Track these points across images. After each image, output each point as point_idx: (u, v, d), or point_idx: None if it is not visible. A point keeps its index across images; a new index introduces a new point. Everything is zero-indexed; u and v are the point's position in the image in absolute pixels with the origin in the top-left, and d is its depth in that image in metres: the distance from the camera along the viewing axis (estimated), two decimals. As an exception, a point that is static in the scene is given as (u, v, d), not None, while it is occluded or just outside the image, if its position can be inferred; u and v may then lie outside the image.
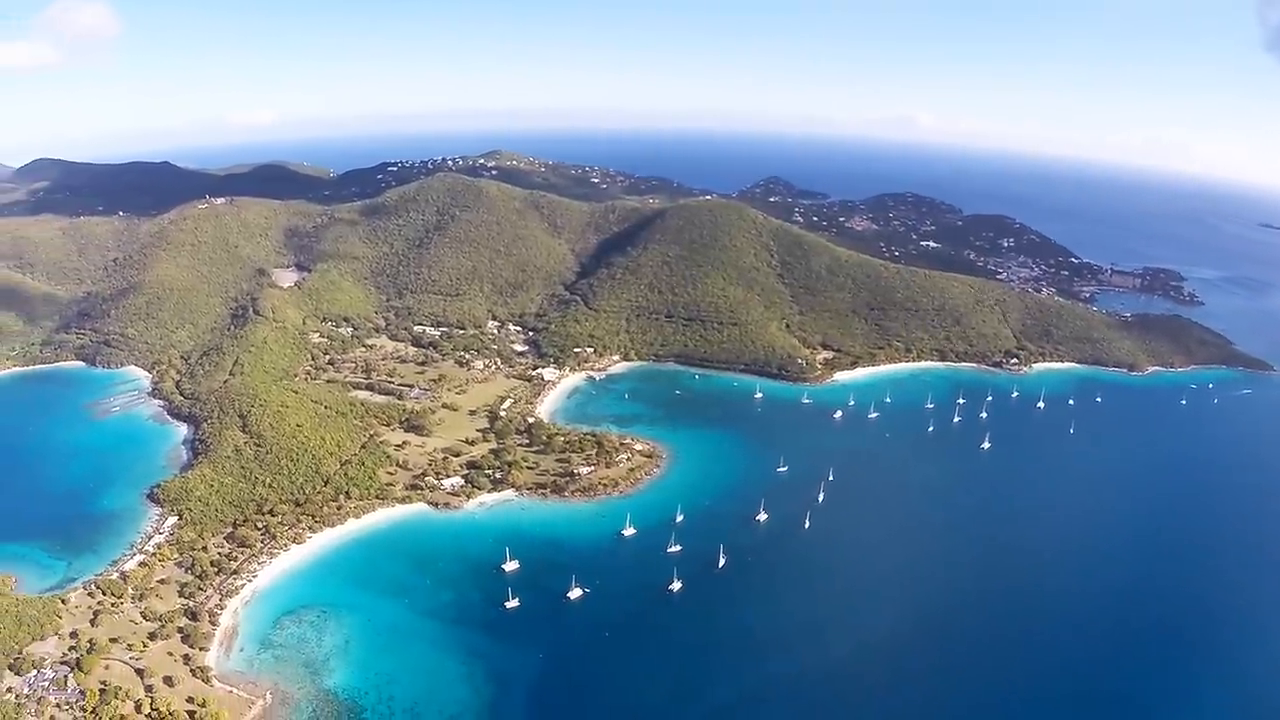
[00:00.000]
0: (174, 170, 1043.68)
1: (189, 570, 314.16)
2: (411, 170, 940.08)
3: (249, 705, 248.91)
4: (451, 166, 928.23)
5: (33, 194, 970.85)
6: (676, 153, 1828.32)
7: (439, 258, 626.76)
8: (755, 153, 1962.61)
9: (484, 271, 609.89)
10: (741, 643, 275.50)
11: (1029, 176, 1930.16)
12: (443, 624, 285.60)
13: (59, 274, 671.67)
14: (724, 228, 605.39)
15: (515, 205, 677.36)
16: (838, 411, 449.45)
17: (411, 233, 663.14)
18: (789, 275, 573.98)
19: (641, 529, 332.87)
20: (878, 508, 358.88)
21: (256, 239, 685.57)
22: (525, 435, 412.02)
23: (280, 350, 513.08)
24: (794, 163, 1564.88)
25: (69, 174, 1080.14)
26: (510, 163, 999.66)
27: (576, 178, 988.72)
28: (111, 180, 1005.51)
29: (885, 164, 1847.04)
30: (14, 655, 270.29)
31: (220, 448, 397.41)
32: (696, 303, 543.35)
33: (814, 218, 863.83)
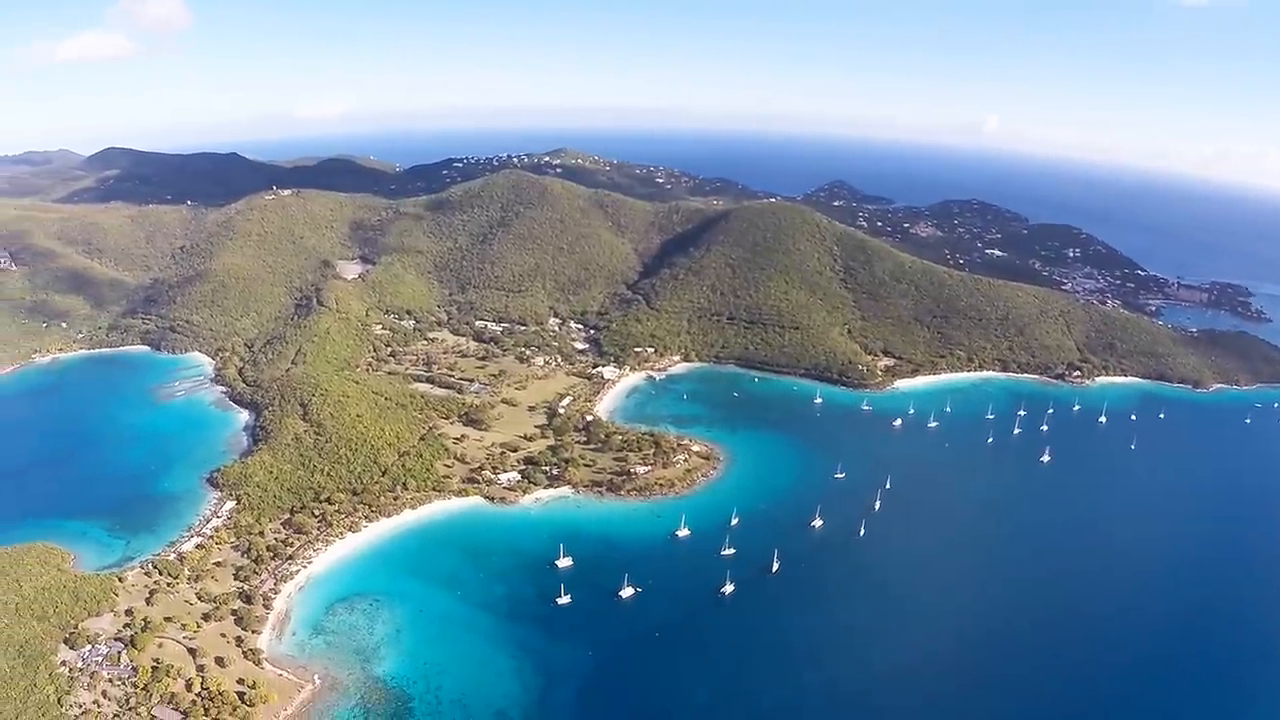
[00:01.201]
0: (242, 161, 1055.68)
1: (245, 554, 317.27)
2: (477, 166, 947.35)
3: (298, 689, 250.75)
4: (517, 163, 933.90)
5: (103, 182, 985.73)
6: (741, 155, 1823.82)
7: (502, 254, 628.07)
8: (820, 156, 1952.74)
9: (547, 268, 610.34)
10: (791, 649, 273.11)
11: (1097, 186, 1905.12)
12: (494, 617, 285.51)
13: (127, 260, 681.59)
14: (787, 231, 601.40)
15: (579, 203, 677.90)
16: (897, 419, 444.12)
17: (476, 228, 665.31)
18: (852, 280, 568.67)
19: (696, 530, 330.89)
20: (934, 519, 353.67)
21: (322, 231, 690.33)
22: (583, 433, 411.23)
23: (343, 341, 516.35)
24: (859, 167, 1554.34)
25: (139, 163, 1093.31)
26: (575, 161, 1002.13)
27: (641, 177, 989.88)
28: (180, 170, 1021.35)
29: (951, 170, 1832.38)
30: (70, 630, 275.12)
31: (280, 435, 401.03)
32: (758, 305, 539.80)
33: (878, 223, 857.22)
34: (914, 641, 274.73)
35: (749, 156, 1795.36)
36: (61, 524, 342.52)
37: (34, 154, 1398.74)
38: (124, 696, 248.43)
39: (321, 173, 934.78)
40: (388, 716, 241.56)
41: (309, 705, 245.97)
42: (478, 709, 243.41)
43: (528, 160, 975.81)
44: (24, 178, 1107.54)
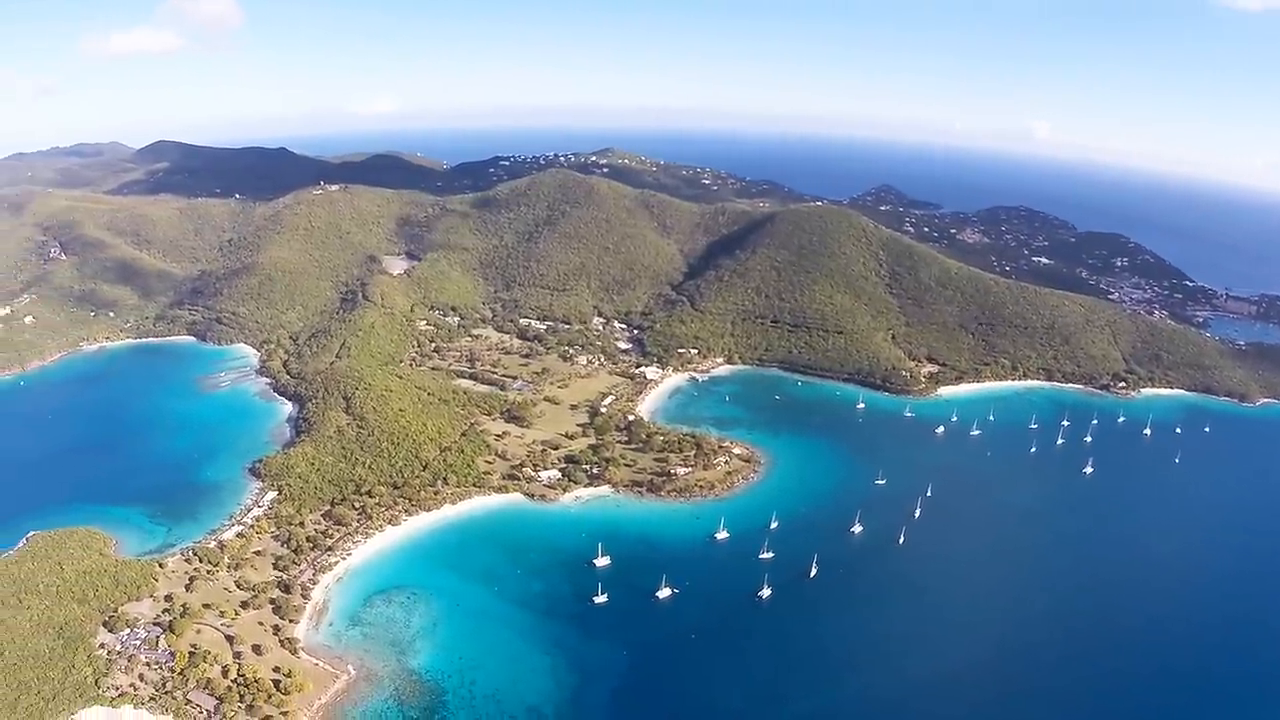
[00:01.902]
0: (290, 156, 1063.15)
1: (285, 544, 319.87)
2: (524, 165, 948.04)
3: (333, 678, 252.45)
4: (563, 163, 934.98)
5: (152, 174, 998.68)
6: (789, 157, 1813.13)
7: (548, 252, 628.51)
8: (868, 160, 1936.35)
9: (592, 268, 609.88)
10: (827, 655, 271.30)
11: (1145, 194, 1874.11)
12: (531, 614, 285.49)
13: (175, 252, 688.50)
14: (833, 234, 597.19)
15: (626, 204, 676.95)
16: (940, 427, 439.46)
17: (522, 226, 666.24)
18: (897, 285, 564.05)
19: (735, 533, 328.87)
20: (974, 528, 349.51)
21: (369, 226, 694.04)
22: (625, 432, 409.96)
23: (387, 336, 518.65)
24: (907, 171, 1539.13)
25: (188, 156, 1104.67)
26: (622, 161, 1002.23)
27: (687, 178, 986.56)
28: (229, 164, 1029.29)
29: (1000, 176, 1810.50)
30: (109, 613, 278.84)
31: (323, 427, 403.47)
32: (803, 309, 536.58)
33: (925, 228, 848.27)
34: (951, 651, 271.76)
35: (797, 159, 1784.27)
36: (105, 509, 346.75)
37: (85, 146, 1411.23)
38: (160, 680, 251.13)
39: (369, 169, 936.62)
40: (421, 709, 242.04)
41: (343, 695, 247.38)
42: (511, 704, 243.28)
43: (574, 159, 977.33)
44: (75, 169, 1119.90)
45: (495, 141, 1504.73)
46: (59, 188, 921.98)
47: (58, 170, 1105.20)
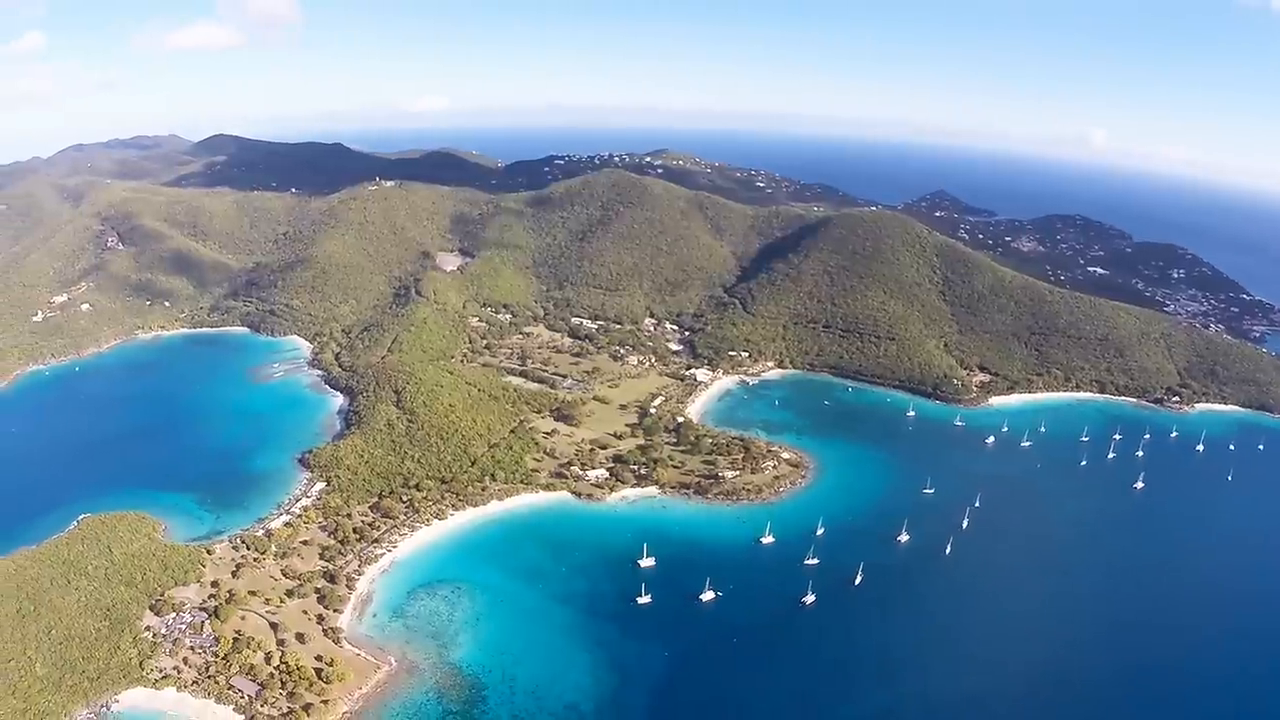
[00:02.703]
0: (346, 152, 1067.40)
1: (331, 534, 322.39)
2: (578, 164, 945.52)
3: (375, 669, 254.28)
4: (618, 163, 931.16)
5: (210, 167, 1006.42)
6: (844, 161, 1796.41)
7: (601, 252, 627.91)
8: (923, 165, 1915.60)
9: (644, 268, 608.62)
10: (870, 665, 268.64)
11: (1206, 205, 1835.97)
12: (574, 612, 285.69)
13: (230, 244, 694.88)
14: (887, 240, 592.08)
15: (680, 205, 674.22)
16: (990, 437, 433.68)
17: (575, 226, 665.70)
18: (950, 293, 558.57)
19: (781, 538, 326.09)
20: (1022, 540, 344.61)
21: (423, 222, 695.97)
22: (673, 434, 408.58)
23: (439, 331, 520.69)
24: (962, 177, 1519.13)
25: (245, 150, 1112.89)
26: (677, 162, 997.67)
27: (742, 180, 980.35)
28: (285, 158, 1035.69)
29: (1056, 183, 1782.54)
30: (156, 597, 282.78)
31: (373, 420, 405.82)
32: (855, 314, 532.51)
33: (979, 235, 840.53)
34: (994, 667, 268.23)
35: (852, 163, 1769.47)
36: (155, 495, 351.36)
37: (144, 138, 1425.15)
38: (204, 665, 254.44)
39: (424, 165, 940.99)
40: (461, 703, 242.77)
41: (384, 686, 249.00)
42: (551, 701, 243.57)
43: (629, 160, 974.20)
44: (133, 161, 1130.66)
45: (549, 140, 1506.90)
46: (117, 179, 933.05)
47: (116, 161, 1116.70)
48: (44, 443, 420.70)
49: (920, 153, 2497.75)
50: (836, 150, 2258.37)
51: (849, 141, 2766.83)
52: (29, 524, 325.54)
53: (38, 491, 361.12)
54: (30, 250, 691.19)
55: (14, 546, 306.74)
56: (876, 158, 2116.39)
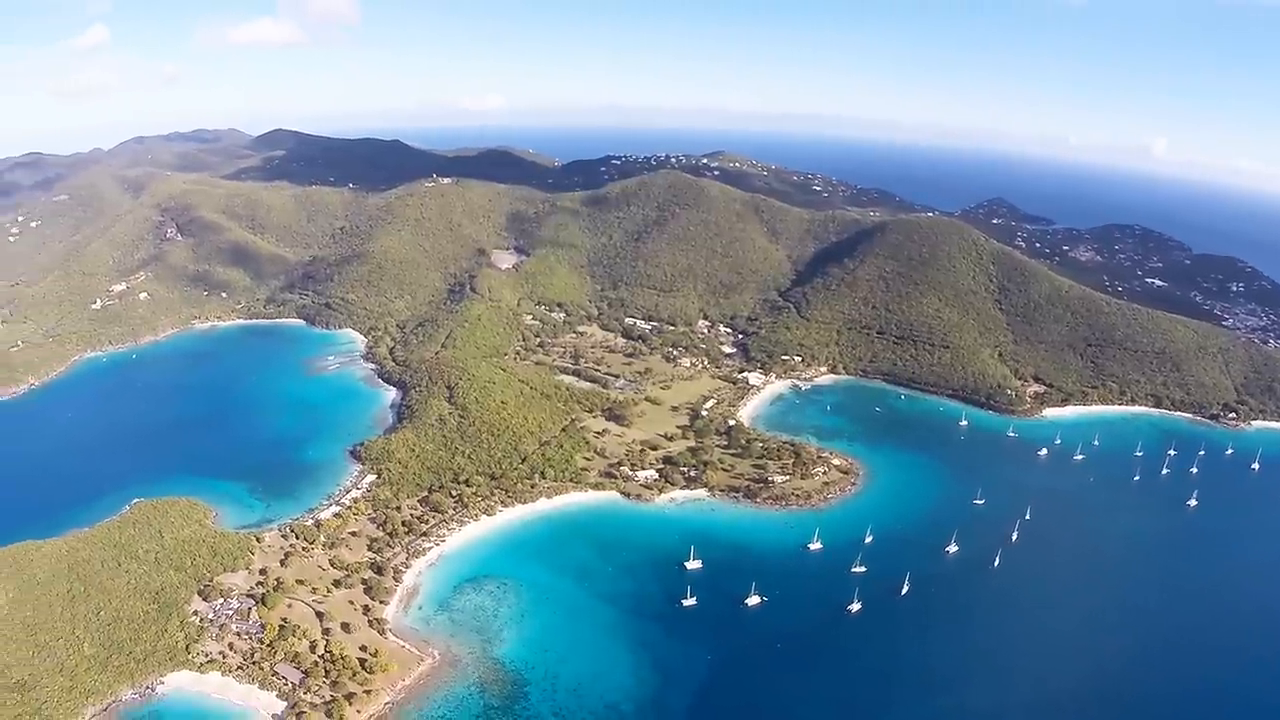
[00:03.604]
0: (404, 149, 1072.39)
1: (380, 527, 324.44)
2: (635, 164, 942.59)
3: (418, 661, 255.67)
4: (675, 164, 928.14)
5: (269, 161, 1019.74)
6: (901, 166, 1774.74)
7: (656, 253, 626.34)
8: (981, 172, 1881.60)
9: (699, 270, 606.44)
10: (913, 675, 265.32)
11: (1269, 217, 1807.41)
12: (618, 612, 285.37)
13: (288, 237, 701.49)
14: (943, 247, 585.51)
15: (736, 207, 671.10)
16: (1043, 449, 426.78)
17: (631, 226, 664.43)
18: (1006, 302, 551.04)
19: (828, 545, 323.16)
20: (1072, 555, 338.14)
21: (479, 220, 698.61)
22: (724, 437, 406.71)
23: (493, 328, 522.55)
24: (1020, 184, 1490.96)
25: (303, 145, 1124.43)
26: (733, 164, 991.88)
27: (799, 184, 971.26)
28: (343, 154, 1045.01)
29: (1115, 192, 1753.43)
30: (205, 582, 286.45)
31: (425, 415, 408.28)
32: (909, 321, 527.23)
33: (1036, 244, 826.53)
34: (1039, 683, 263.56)
35: (910, 168, 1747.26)
36: (207, 482, 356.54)
37: (204, 132, 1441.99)
38: (249, 650, 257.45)
39: (481, 163, 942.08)
40: (503, 698, 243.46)
41: (427, 678, 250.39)
42: (592, 700, 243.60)
43: (685, 161, 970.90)
44: (194, 154, 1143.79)
45: (606, 140, 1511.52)
46: (177, 171, 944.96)
47: (176, 154, 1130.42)
48: (99, 428, 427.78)
49: (978, 159, 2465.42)
50: (894, 155, 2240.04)
51: (908, 146, 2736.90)
52: (82, 507, 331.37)
53: (92, 475, 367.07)
54: (91, 239, 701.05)
55: (67, 528, 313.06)
56: (934, 163, 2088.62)
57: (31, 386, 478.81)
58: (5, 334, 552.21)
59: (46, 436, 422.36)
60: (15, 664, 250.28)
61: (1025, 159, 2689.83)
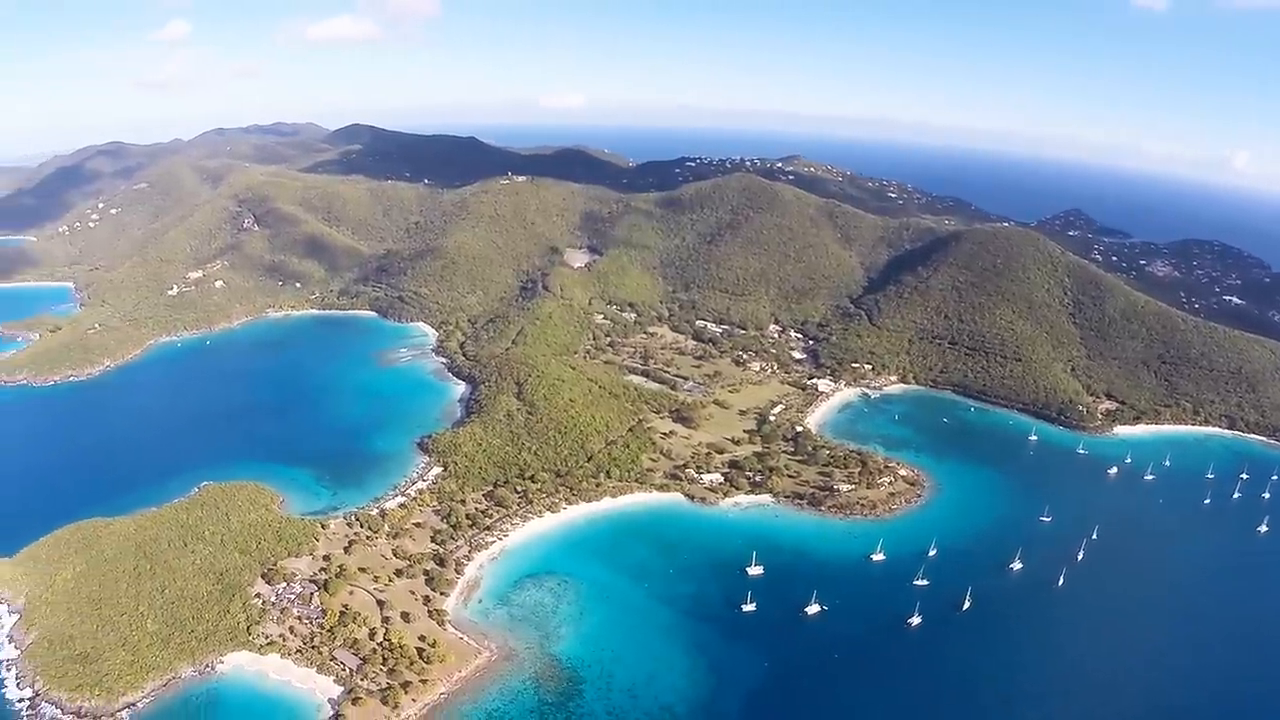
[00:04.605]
0: (480, 146, 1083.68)
1: (444, 519, 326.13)
2: (709, 167, 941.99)
3: (476, 654, 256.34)
4: (749, 167, 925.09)
5: (345, 155, 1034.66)
6: (978, 174, 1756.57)
7: (728, 256, 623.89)
8: (1058, 182, 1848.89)
9: (771, 275, 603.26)
10: (970, 693, 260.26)
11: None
12: (677, 614, 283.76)
13: (363, 230, 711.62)
14: (1018, 258, 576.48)
15: (809, 212, 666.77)
16: (1113, 468, 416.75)
17: (704, 228, 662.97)
18: (1080, 316, 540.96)
19: (891, 556, 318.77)
20: (1139, 578, 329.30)
21: (553, 218, 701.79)
22: (791, 443, 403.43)
23: (563, 326, 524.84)
24: (1097, 196, 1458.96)
25: (380, 140, 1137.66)
26: (808, 169, 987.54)
27: (873, 190, 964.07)
28: (420, 149, 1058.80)
29: (1192, 206, 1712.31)
30: (269, 566, 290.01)
31: (493, 410, 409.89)
32: (982, 332, 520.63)
33: (1113, 257, 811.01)
34: (1097, 709, 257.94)
35: (986, 177, 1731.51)
36: (275, 468, 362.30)
37: (283, 125, 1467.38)
38: (309, 635, 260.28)
39: (556, 162, 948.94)
40: (558, 694, 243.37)
41: (483, 671, 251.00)
42: (646, 701, 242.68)
43: (760, 164, 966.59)
44: (272, 146, 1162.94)
45: (681, 141, 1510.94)
46: (256, 163, 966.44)
47: (255, 146, 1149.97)
48: (171, 411, 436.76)
49: (1057, 169, 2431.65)
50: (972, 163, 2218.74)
51: (985, 155, 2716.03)
52: (152, 487, 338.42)
53: (162, 457, 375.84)
54: (169, 227, 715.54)
55: (136, 508, 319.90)
56: (1012, 172, 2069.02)
57: (107, 368, 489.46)
58: (83, 317, 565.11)
59: (119, 417, 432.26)
60: (80, 636, 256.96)
61: (1103, 169, 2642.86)
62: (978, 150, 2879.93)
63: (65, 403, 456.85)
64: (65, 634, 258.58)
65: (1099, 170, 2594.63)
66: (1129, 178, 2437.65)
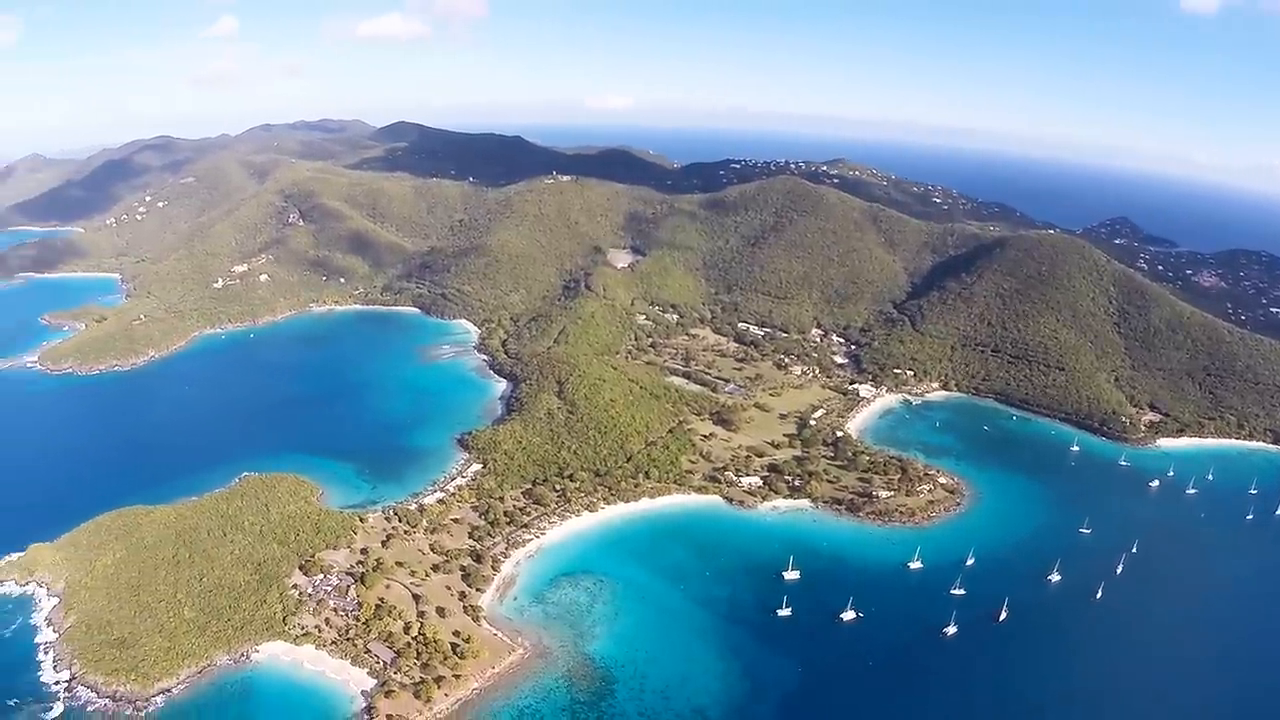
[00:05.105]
0: (525, 145, 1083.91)
1: (482, 515, 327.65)
2: (754, 169, 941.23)
3: (509, 650, 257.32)
4: (794, 170, 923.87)
5: (391, 153, 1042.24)
6: (1024, 181, 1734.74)
7: (771, 258, 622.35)
8: (1103, 189, 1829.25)
9: (814, 278, 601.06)
10: (1004, 704, 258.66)
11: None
12: (712, 616, 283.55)
13: (407, 227, 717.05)
14: (1063, 266, 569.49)
15: (854, 216, 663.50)
16: (1154, 480, 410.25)
17: (748, 230, 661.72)
18: (1125, 325, 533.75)
19: (929, 564, 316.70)
20: (1178, 593, 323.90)
21: (596, 218, 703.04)
22: (831, 448, 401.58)
23: (606, 326, 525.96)
24: (1143, 204, 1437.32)
25: (426, 138, 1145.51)
26: (853, 172, 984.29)
27: (918, 195, 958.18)
28: (465, 148, 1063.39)
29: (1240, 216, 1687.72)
30: (306, 558, 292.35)
31: (534, 408, 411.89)
32: (1025, 340, 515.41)
33: (1159, 266, 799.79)
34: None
35: (1033, 182, 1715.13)
36: (316, 460, 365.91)
37: (330, 122, 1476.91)
38: (345, 627, 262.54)
39: (601, 162, 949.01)
40: (590, 693, 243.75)
41: (516, 668, 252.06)
42: (679, 702, 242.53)
43: (804, 167, 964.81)
44: (318, 142, 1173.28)
45: (726, 143, 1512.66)
46: (302, 159, 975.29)
47: (301, 142, 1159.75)
48: (214, 402, 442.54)
49: (1103, 176, 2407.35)
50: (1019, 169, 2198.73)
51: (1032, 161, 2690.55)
52: (193, 476, 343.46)
53: (204, 447, 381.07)
54: (215, 221, 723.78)
55: (177, 496, 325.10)
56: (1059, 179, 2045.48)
57: (151, 359, 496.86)
58: (129, 308, 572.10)
59: (162, 407, 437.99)
60: (118, 621, 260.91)
61: (1149, 176, 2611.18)
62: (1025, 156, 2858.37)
63: (109, 391, 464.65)
64: (103, 619, 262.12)
65: (1146, 177, 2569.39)
66: (1176, 185, 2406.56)
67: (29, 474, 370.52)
